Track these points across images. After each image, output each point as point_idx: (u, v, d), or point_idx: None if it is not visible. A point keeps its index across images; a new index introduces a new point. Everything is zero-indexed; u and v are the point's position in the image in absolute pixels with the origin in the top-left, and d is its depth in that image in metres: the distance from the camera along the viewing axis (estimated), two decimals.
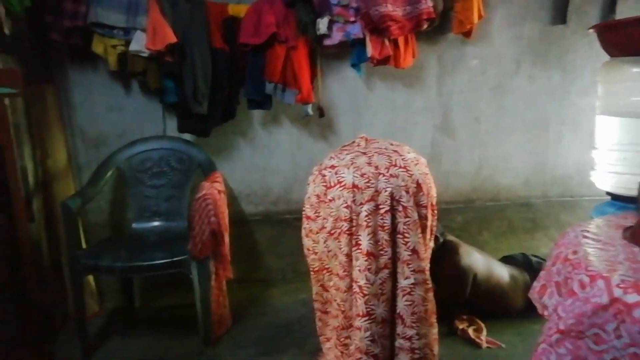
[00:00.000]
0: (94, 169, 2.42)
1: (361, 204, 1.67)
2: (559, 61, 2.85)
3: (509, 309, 2.39)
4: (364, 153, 1.79)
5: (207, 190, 2.16)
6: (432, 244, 1.90)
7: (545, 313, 1.32)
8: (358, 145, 1.87)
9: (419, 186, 1.71)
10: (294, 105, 2.49)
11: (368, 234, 1.66)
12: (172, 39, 2.20)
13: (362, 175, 1.68)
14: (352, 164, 1.74)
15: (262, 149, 2.74)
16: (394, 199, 1.67)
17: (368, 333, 1.68)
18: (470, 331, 2.24)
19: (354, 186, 1.67)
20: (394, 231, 1.69)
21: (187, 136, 2.54)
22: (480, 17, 2.53)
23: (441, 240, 2.35)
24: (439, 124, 2.85)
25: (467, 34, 2.60)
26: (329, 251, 1.77)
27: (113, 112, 2.53)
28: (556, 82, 2.89)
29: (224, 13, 2.39)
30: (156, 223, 2.45)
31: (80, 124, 2.52)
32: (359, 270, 1.67)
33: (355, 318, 1.70)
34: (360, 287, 1.67)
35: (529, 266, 2.53)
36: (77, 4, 2.18)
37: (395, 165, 1.72)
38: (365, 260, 1.66)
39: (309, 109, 2.50)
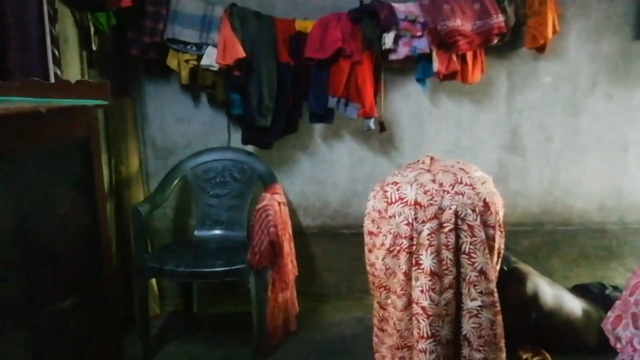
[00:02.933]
0: (162, 177, 2.53)
1: (423, 222, 1.62)
2: None
3: (580, 344, 2.22)
4: (429, 171, 1.75)
5: (268, 201, 2.19)
6: (498, 266, 1.81)
7: (619, 346, 1.23)
8: (423, 163, 1.83)
9: (486, 205, 1.64)
10: (355, 120, 2.49)
11: (431, 253, 1.61)
12: (241, 54, 2.27)
13: (425, 192, 1.64)
14: (415, 180, 1.70)
15: (322, 162, 2.75)
16: (458, 217, 1.61)
17: (433, 355, 1.62)
18: None
19: (416, 203, 1.63)
20: (458, 251, 1.62)
21: (249, 148, 2.60)
22: (555, 32, 2.42)
23: (507, 268, 2.24)
24: (507, 142, 2.73)
25: (541, 49, 2.48)
26: (387, 269, 1.73)
27: (181, 123, 2.65)
28: (637, 102, 2.69)
29: (291, 29, 2.44)
30: (217, 231, 2.52)
31: (152, 134, 2.65)
32: (421, 290, 1.62)
33: (418, 340, 1.64)
34: (423, 308, 1.62)
35: (605, 298, 2.35)
36: (156, 22, 2.32)
37: (461, 183, 1.66)
38: (429, 280, 1.61)
39: (371, 123, 2.48)
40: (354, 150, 2.73)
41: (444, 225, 1.61)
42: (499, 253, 1.76)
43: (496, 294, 1.68)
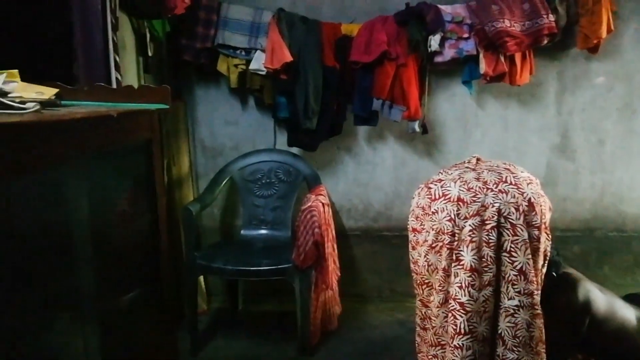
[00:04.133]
0: (211, 177, 2.62)
1: (465, 218, 1.62)
2: None
3: (635, 354, 2.13)
4: (474, 169, 1.74)
5: (312, 202, 2.23)
6: (544, 270, 1.78)
7: None
8: (469, 163, 1.82)
9: (531, 205, 1.61)
10: (399, 122, 2.49)
11: (472, 250, 1.60)
12: (289, 58, 2.33)
13: (468, 189, 1.63)
14: (459, 178, 1.69)
15: (366, 164, 2.77)
16: (501, 215, 1.60)
17: (470, 352, 1.61)
18: None
19: (459, 199, 1.63)
20: (499, 249, 1.61)
21: (295, 150, 2.65)
22: (609, 31, 2.34)
23: (557, 273, 2.18)
24: (556, 145, 2.66)
25: (593, 50, 2.41)
26: (429, 265, 1.73)
27: (230, 125, 2.73)
28: None
29: (337, 32, 2.48)
30: (263, 231, 2.58)
31: (201, 136, 2.75)
32: (460, 286, 1.61)
33: (454, 337, 1.64)
34: (461, 304, 1.61)
35: None
36: (208, 29, 2.41)
37: (505, 182, 1.64)
38: (469, 277, 1.60)
39: (416, 126, 2.48)
40: (397, 153, 2.74)
41: (486, 222, 1.60)
42: (545, 256, 1.72)
43: (537, 296, 1.64)
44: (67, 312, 1.11)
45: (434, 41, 2.34)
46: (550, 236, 1.73)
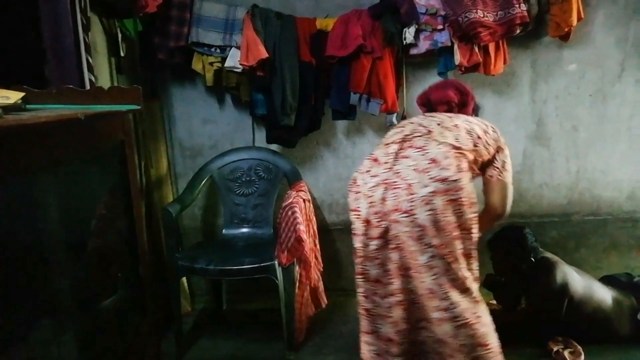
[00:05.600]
0: (190, 177, 2.59)
1: (371, 238, 1.65)
2: None
3: (612, 334, 2.19)
4: (385, 182, 1.65)
5: (293, 198, 2.22)
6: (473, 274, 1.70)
7: None
8: (388, 156, 1.73)
9: (424, 228, 1.56)
10: (378, 115, 2.50)
11: (376, 265, 1.66)
12: (264, 54, 2.31)
13: (375, 213, 1.64)
14: (370, 195, 1.66)
15: (345, 158, 2.77)
16: (401, 241, 1.60)
17: (373, 347, 1.73)
18: (567, 354, 2.09)
19: (366, 220, 1.66)
20: (405, 267, 1.62)
21: (274, 147, 2.64)
22: (579, 18, 2.38)
23: (535, 258, 2.22)
24: (532, 132, 2.70)
25: (565, 37, 2.45)
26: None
27: (208, 124, 2.71)
28: None
29: (312, 27, 2.47)
30: (244, 229, 2.57)
31: (179, 136, 2.72)
32: (365, 295, 1.73)
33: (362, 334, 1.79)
34: (366, 309, 1.73)
35: (635, 288, 2.31)
36: (181, 26, 2.37)
37: (399, 210, 1.59)
38: (372, 287, 1.69)
39: (394, 119, 2.49)
40: (376, 146, 2.74)
41: (389, 243, 1.63)
42: (469, 261, 1.64)
43: (460, 307, 1.58)
44: (44, 320, 1.09)
45: (409, 34, 2.35)
46: (473, 237, 1.63)
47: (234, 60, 2.38)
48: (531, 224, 2.62)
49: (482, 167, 1.81)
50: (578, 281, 2.20)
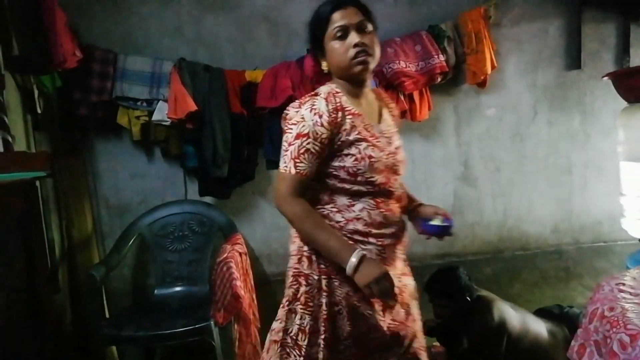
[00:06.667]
0: (118, 236, 2.45)
1: None
2: (578, 105, 2.84)
3: None
4: None
5: (228, 253, 2.15)
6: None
7: None
8: None
9: None
10: None
11: None
12: (193, 107, 2.28)
13: None
14: None
15: None
16: None
17: None
18: None
19: None
20: None
21: (208, 199, 2.57)
22: (493, 67, 2.56)
23: (471, 297, 2.26)
24: (460, 174, 2.82)
25: (482, 84, 2.62)
26: None
27: (136, 179, 2.59)
28: (576, 126, 2.85)
29: (241, 79, 2.47)
30: (178, 288, 2.44)
31: (105, 193, 2.58)
32: None
33: None
34: None
35: (566, 319, 2.40)
36: (104, 81, 2.30)
37: None
38: None
39: None
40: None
41: None
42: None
43: None
44: None
45: None
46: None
47: (161, 113, 2.33)
48: (466, 262, 2.69)
49: None
50: (514, 317, 2.25)
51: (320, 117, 1.31)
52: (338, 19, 1.33)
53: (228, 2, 2.55)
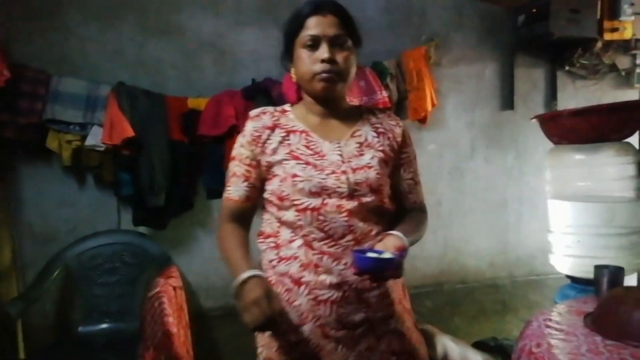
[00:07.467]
0: (40, 267, 2.27)
1: None
2: (512, 143, 2.98)
3: None
4: None
5: (161, 287, 2.05)
6: None
7: None
8: None
9: None
10: None
11: None
12: (130, 133, 2.19)
13: None
14: None
15: None
16: None
17: None
18: None
19: None
20: None
21: (142, 229, 2.44)
22: (433, 105, 2.65)
23: None
24: None
25: (423, 121, 2.70)
26: None
27: (64, 207, 2.43)
28: (511, 163, 2.99)
29: (183, 106, 2.42)
30: (105, 325, 2.27)
31: (29, 220, 2.40)
32: None
33: None
34: None
35: (501, 351, 2.45)
36: (34, 103, 2.19)
37: None
38: None
39: None
40: (254, 224, 2.67)
41: None
42: None
43: None
44: None
45: None
46: None
47: (95, 138, 2.22)
48: (409, 295, 2.69)
49: None
50: (455, 350, 2.26)
51: (243, 137, 1.26)
52: (312, 25, 1.18)
53: (173, 27, 2.51)
